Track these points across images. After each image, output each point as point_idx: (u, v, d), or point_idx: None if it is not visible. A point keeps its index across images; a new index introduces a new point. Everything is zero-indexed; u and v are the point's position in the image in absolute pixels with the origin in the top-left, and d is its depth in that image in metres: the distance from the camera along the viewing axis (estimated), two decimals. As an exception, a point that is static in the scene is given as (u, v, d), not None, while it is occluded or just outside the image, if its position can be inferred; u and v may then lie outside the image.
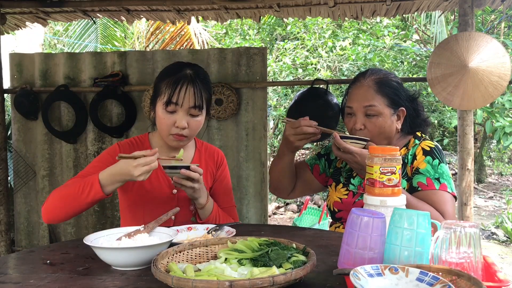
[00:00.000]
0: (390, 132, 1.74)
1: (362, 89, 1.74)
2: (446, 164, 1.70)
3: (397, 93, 1.75)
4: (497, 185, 9.05)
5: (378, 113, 1.70)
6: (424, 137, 1.78)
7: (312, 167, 1.97)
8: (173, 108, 1.64)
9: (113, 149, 1.76)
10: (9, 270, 1.27)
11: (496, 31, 8.89)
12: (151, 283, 1.10)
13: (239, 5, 3.29)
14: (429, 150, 1.70)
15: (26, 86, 3.52)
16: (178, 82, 1.64)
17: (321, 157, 1.98)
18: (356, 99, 1.75)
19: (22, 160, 3.61)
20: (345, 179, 1.85)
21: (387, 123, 1.72)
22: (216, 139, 3.45)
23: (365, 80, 1.76)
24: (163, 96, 1.65)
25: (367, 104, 1.71)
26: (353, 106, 1.75)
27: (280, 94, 8.41)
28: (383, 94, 1.72)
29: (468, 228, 0.99)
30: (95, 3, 3.38)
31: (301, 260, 1.09)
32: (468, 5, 3.01)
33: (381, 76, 1.76)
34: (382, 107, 1.71)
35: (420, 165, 1.67)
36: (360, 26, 8.94)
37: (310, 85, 3.35)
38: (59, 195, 1.56)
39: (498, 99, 6.44)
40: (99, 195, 1.50)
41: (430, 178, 1.64)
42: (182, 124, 1.65)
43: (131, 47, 9.08)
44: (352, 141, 1.61)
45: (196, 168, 1.59)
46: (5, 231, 3.56)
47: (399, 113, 1.76)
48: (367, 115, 1.72)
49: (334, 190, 1.86)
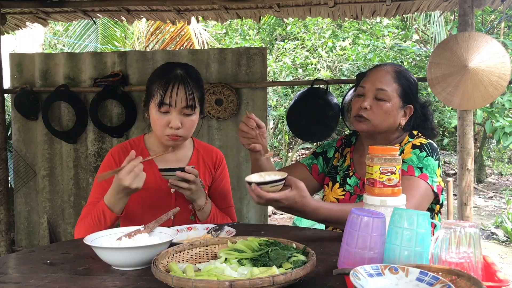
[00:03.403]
0: (393, 123, 1.72)
1: (380, 72, 1.74)
2: (436, 161, 1.64)
3: (411, 88, 1.75)
4: (497, 185, 9.05)
5: (388, 98, 1.69)
6: (418, 135, 1.76)
7: (310, 167, 1.92)
8: (166, 109, 1.65)
9: (107, 160, 1.78)
10: (9, 270, 1.27)
11: (496, 31, 8.89)
12: (151, 283, 1.10)
13: (239, 5, 3.30)
14: (419, 145, 1.67)
15: (26, 86, 3.53)
16: (169, 82, 1.64)
17: (318, 156, 1.94)
18: (371, 80, 1.74)
19: (22, 160, 3.61)
20: (342, 179, 1.82)
21: (393, 112, 1.71)
22: (216, 139, 3.45)
23: (385, 66, 1.77)
24: (156, 98, 1.65)
25: (380, 87, 1.70)
26: (366, 86, 1.73)
27: (280, 94, 8.41)
28: (398, 83, 1.72)
29: (468, 228, 0.99)
30: (95, 3, 3.38)
31: (301, 260, 1.09)
32: (468, 5, 3.01)
33: (401, 68, 1.78)
34: (394, 94, 1.70)
35: (406, 156, 1.64)
36: (360, 26, 8.95)
37: (310, 85, 3.36)
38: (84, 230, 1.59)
39: (498, 99, 6.45)
40: (114, 217, 1.57)
41: (412, 166, 1.60)
42: (176, 124, 1.65)
43: (131, 47, 9.09)
44: (272, 185, 1.38)
45: (192, 169, 1.60)
46: (5, 231, 3.56)
47: (407, 110, 1.75)
48: (376, 98, 1.70)
49: (330, 190, 1.83)
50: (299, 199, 1.41)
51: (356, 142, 1.90)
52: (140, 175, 1.50)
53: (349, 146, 1.90)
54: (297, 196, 1.40)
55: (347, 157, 1.87)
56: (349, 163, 1.85)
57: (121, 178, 1.48)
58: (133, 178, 1.48)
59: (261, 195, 1.38)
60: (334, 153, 1.92)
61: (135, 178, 1.48)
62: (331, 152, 1.92)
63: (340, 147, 1.93)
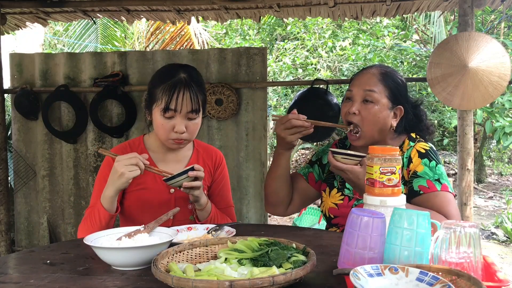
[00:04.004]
0: (384, 125, 1.71)
1: (366, 75, 1.74)
2: (442, 165, 1.67)
3: (399, 89, 1.74)
4: (497, 185, 9.04)
5: (375, 101, 1.69)
6: (418, 138, 1.75)
7: (306, 176, 1.91)
8: (171, 114, 1.65)
9: (107, 161, 1.78)
10: (9, 270, 1.27)
11: (496, 31, 8.89)
12: (151, 283, 1.10)
13: (239, 5, 3.30)
14: (424, 153, 1.67)
15: (26, 86, 3.53)
16: (175, 88, 1.64)
17: (313, 164, 1.93)
18: (357, 83, 1.73)
19: (22, 160, 3.61)
20: (340, 183, 1.80)
21: (382, 114, 1.70)
22: (216, 139, 3.45)
23: (371, 69, 1.77)
24: (160, 103, 1.65)
25: (367, 88, 1.69)
26: (353, 90, 1.73)
27: (280, 94, 8.42)
28: (385, 85, 1.71)
29: (468, 228, 0.99)
30: (95, 3, 3.38)
31: (301, 260, 1.09)
32: (468, 5, 3.01)
33: (387, 69, 1.77)
34: (381, 96, 1.69)
35: (418, 168, 1.65)
36: (360, 26, 8.95)
37: (310, 85, 3.36)
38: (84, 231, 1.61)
39: (498, 99, 6.45)
40: (107, 215, 1.59)
41: (430, 180, 1.61)
42: (181, 129, 1.66)
43: (131, 47, 9.09)
44: (344, 156, 1.54)
45: (199, 166, 1.61)
46: (5, 231, 3.56)
47: (396, 111, 1.74)
48: (364, 101, 1.70)
49: (328, 196, 1.81)
50: (362, 177, 1.48)
51: (350, 146, 1.87)
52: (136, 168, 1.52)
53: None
54: (361, 174, 1.50)
55: None
56: None
57: (119, 161, 1.52)
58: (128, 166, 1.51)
59: (330, 161, 1.56)
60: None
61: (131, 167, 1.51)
62: (325, 158, 1.90)
63: None
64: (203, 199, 1.68)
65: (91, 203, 1.73)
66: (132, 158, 1.52)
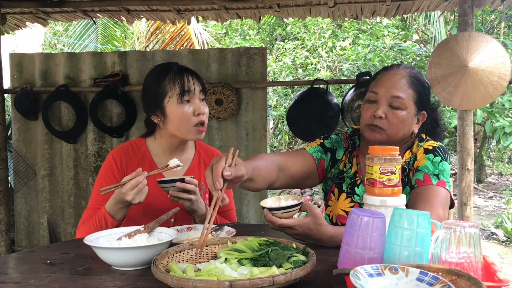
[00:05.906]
0: (408, 131, 1.61)
1: (395, 77, 1.60)
2: (448, 164, 1.59)
3: (426, 93, 1.63)
4: (497, 185, 9.05)
5: (404, 107, 1.57)
6: (427, 138, 1.67)
7: (318, 161, 1.72)
8: (189, 97, 1.68)
9: (109, 162, 1.76)
10: (9, 270, 1.27)
11: (496, 31, 8.89)
12: (151, 283, 1.10)
13: (239, 5, 3.30)
14: (431, 149, 1.59)
15: (26, 86, 3.53)
16: (181, 73, 1.69)
17: (327, 151, 1.74)
18: (385, 85, 1.59)
19: (22, 160, 3.61)
20: (349, 187, 1.67)
21: (409, 121, 1.59)
22: (216, 139, 3.45)
23: (399, 70, 1.62)
24: (174, 91, 1.67)
25: (395, 95, 1.56)
26: (379, 92, 1.58)
27: (280, 94, 8.42)
28: (414, 89, 1.59)
29: (468, 228, 0.99)
30: (95, 3, 3.38)
31: (301, 260, 1.09)
32: (468, 5, 3.01)
33: (416, 72, 1.65)
34: (410, 102, 1.58)
35: (420, 163, 1.57)
36: (360, 26, 8.94)
37: (310, 85, 3.36)
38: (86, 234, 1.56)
39: (498, 99, 6.45)
40: (115, 224, 1.58)
41: (428, 174, 1.52)
42: (202, 109, 1.69)
43: (131, 47, 9.09)
44: (284, 211, 1.31)
45: (192, 179, 1.59)
46: (5, 231, 3.56)
47: (420, 117, 1.64)
48: (391, 106, 1.56)
49: (337, 201, 1.68)
50: (314, 227, 1.32)
51: (360, 143, 1.73)
52: (143, 191, 1.51)
53: (354, 149, 1.73)
54: (311, 223, 1.31)
55: (353, 162, 1.71)
56: (356, 169, 1.69)
57: (125, 193, 1.49)
58: (135, 194, 1.49)
59: (272, 221, 1.31)
60: (343, 155, 1.74)
61: (138, 194, 1.50)
62: (340, 153, 1.74)
63: (347, 149, 1.74)
64: (200, 210, 1.65)
65: (90, 205, 1.72)
66: (136, 187, 1.49)
